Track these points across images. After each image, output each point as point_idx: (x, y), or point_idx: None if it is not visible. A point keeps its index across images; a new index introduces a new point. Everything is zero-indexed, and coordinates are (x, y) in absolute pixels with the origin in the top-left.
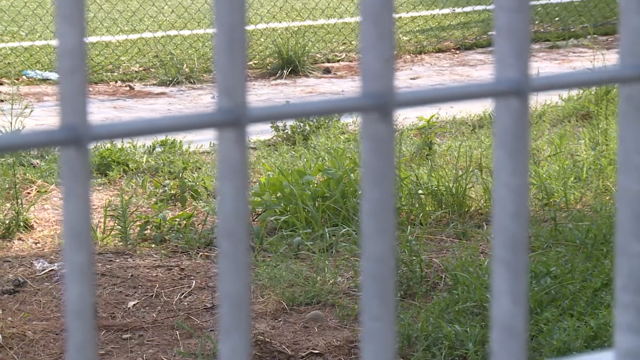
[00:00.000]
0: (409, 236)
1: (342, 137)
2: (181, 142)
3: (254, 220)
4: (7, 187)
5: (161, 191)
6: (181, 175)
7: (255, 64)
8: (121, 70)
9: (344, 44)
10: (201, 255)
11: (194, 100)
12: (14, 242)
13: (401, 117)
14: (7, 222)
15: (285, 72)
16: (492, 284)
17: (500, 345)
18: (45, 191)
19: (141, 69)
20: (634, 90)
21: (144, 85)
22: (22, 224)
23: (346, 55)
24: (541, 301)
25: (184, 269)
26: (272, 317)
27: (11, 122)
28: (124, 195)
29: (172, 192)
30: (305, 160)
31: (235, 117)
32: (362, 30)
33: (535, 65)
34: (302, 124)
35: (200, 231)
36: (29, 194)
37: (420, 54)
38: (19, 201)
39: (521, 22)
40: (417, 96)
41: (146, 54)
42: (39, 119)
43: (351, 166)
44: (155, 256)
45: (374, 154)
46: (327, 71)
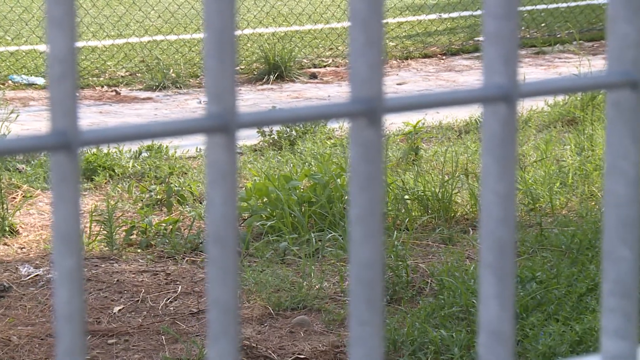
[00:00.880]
0: (395, 241)
1: (328, 142)
2: (167, 147)
3: (240, 225)
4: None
5: (147, 196)
6: (167, 180)
7: (241, 69)
8: (107, 75)
9: (331, 49)
10: (187, 260)
11: (180, 105)
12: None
13: (388, 123)
14: None
15: (271, 77)
16: (479, 288)
17: (487, 349)
18: (30, 196)
19: (127, 73)
20: (621, 96)
21: (130, 90)
22: (7, 228)
23: (333, 60)
24: (527, 306)
25: (169, 274)
26: (258, 322)
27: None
28: (110, 200)
29: (158, 197)
30: (291, 165)
31: (224, 123)
32: (351, 36)
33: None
34: (288, 129)
35: (186, 236)
36: (14, 199)
37: (406, 59)
38: (5, 206)
39: (509, 29)
40: (406, 102)
41: (132, 58)
42: (25, 123)
43: (337, 171)
44: (141, 261)
45: (363, 160)
46: (314, 76)
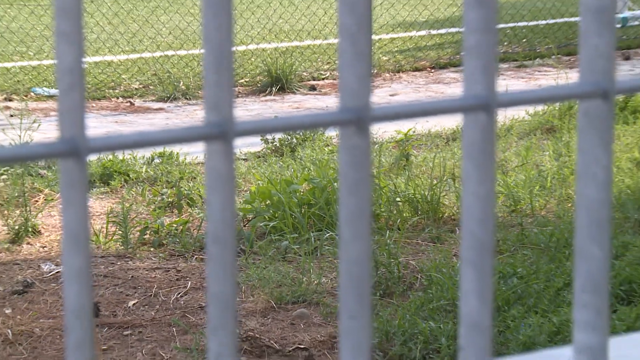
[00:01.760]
0: (388, 240)
1: (326, 149)
2: (177, 153)
3: (244, 225)
4: (16, 195)
5: (159, 199)
6: (178, 184)
7: (246, 82)
8: (122, 87)
9: (328, 63)
10: (196, 258)
11: (189, 115)
12: (23, 246)
13: (381, 131)
14: (16, 227)
15: (274, 89)
16: (460, 284)
17: (467, 340)
18: (51, 199)
19: (141, 86)
20: (592, 105)
21: (144, 101)
22: (30, 229)
23: (330, 73)
24: (508, 299)
25: (180, 270)
26: (261, 315)
27: (20, 136)
28: (125, 202)
29: (169, 200)
30: (292, 170)
31: (222, 131)
32: (341, 49)
33: (504, 83)
34: (289, 137)
35: (195, 236)
36: (36, 201)
37: (398, 72)
38: (28, 208)
39: (488, 42)
40: (391, 111)
41: (145, 72)
42: (46, 132)
43: (334, 176)
44: (153, 259)
45: (351, 165)
46: (313, 88)
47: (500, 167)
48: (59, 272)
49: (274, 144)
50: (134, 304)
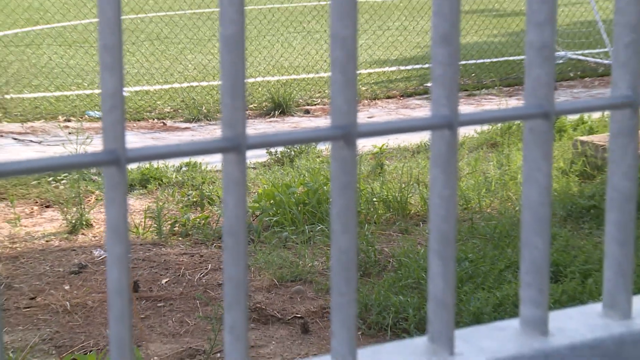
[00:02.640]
0: (366, 232)
1: (317, 159)
2: (200, 163)
3: (253, 220)
4: (73, 196)
5: (186, 199)
6: (200, 187)
7: (254, 107)
8: (157, 111)
9: (319, 92)
10: (215, 245)
11: (210, 132)
12: (78, 236)
13: (361, 145)
14: (73, 222)
15: (276, 112)
16: (428, 268)
17: (434, 314)
18: (101, 199)
19: (172, 110)
20: (535, 124)
21: (174, 122)
22: (84, 223)
23: (321, 100)
24: (462, 279)
25: (202, 255)
26: (266, 290)
27: (76, 149)
28: (158, 202)
29: (194, 199)
30: (291, 176)
31: (236, 144)
32: (332, 78)
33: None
34: (289, 150)
35: (214, 228)
36: (89, 201)
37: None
38: (82, 206)
39: (452, 73)
40: (374, 128)
41: (175, 99)
42: (97, 146)
43: (324, 181)
44: (181, 246)
45: (341, 172)
46: (307, 112)
47: (457, 173)
48: (106, 256)
49: (277, 155)
50: (166, 282)
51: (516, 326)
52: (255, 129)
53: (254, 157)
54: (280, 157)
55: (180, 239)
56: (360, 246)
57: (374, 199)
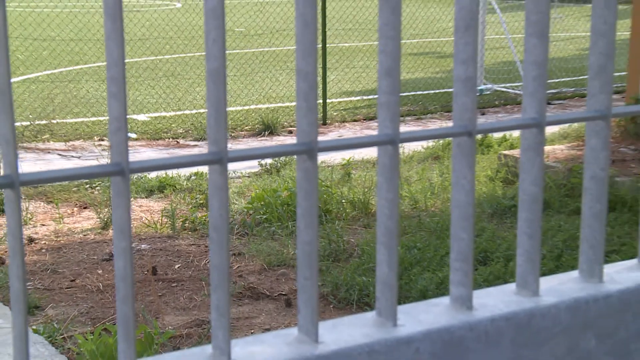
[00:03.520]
0: (337, 226)
1: None
2: (205, 173)
3: (247, 218)
4: (105, 199)
5: (194, 201)
6: (206, 192)
7: (249, 129)
8: (171, 132)
9: None
10: None
11: None
12: (109, 231)
13: (332, 159)
14: (105, 219)
15: (266, 133)
16: (376, 256)
17: (381, 293)
18: None
19: (183, 131)
20: (461, 140)
21: (185, 140)
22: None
23: None
24: (411, 263)
25: (207, 246)
26: (258, 273)
27: (107, 162)
28: (172, 204)
29: (200, 202)
30: (277, 183)
31: (219, 158)
32: (298, 105)
33: (408, 128)
34: (276, 162)
35: None
36: None
37: (343, 122)
38: (109, 209)
39: (394, 100)
40: (331, 144)
41: (186, 122)
42: None
43: None
44: (191, 239)
45: (304, 180)
46: (291, 132)
47: (406, 180)
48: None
49: (267, 167)
50: (178, 267)
51: (447, 303)
52: (248, 146)
53: (248, 168)
54: (269, 168)
55: (189, 233)
56: (331, 238)
57: (343, 200)
